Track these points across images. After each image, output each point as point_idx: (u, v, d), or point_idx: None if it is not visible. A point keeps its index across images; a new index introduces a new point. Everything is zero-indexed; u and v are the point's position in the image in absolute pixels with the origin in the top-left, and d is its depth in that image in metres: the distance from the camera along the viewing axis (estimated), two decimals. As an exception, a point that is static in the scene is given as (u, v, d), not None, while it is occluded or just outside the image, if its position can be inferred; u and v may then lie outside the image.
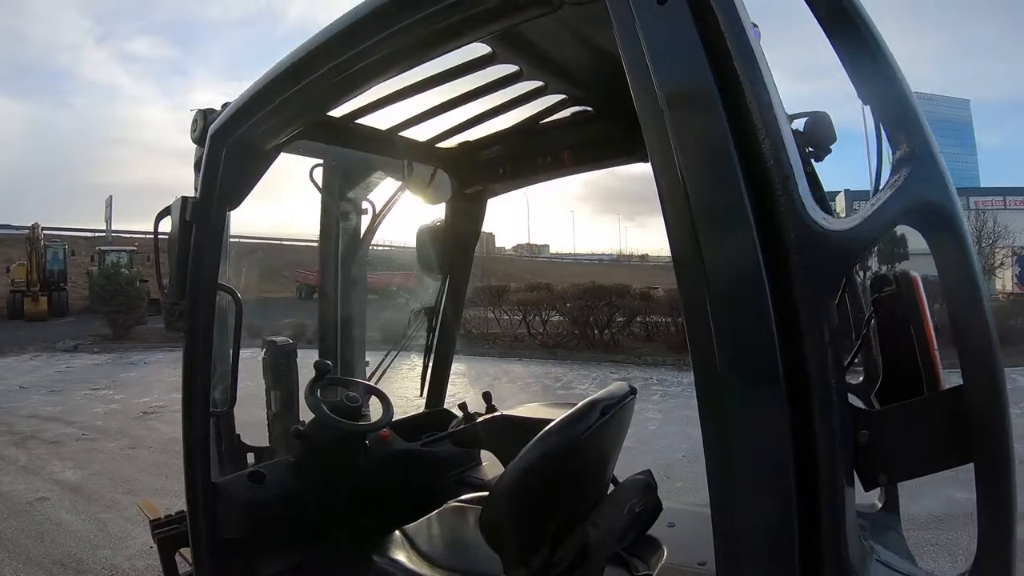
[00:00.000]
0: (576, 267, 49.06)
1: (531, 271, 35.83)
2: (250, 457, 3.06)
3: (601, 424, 1.86)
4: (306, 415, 2.66)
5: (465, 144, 3.03)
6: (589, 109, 2.60)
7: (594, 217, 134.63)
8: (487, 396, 3.01)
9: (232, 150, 2.21)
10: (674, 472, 6.65)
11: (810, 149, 1.63)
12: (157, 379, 13.63)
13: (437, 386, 3.47)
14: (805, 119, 1.65)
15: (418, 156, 2.96)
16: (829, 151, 1.64)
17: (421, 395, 3.46)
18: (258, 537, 2.40)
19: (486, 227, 3.55)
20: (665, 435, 8.44)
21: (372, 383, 3.06)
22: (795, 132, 1.25)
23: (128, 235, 34.58)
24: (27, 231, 27.52)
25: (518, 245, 56.24)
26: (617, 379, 12.27)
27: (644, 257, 60.90)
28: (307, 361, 3.00)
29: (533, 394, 11.82)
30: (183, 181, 2.56)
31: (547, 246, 63.94)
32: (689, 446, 7.53)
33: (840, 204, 31.95)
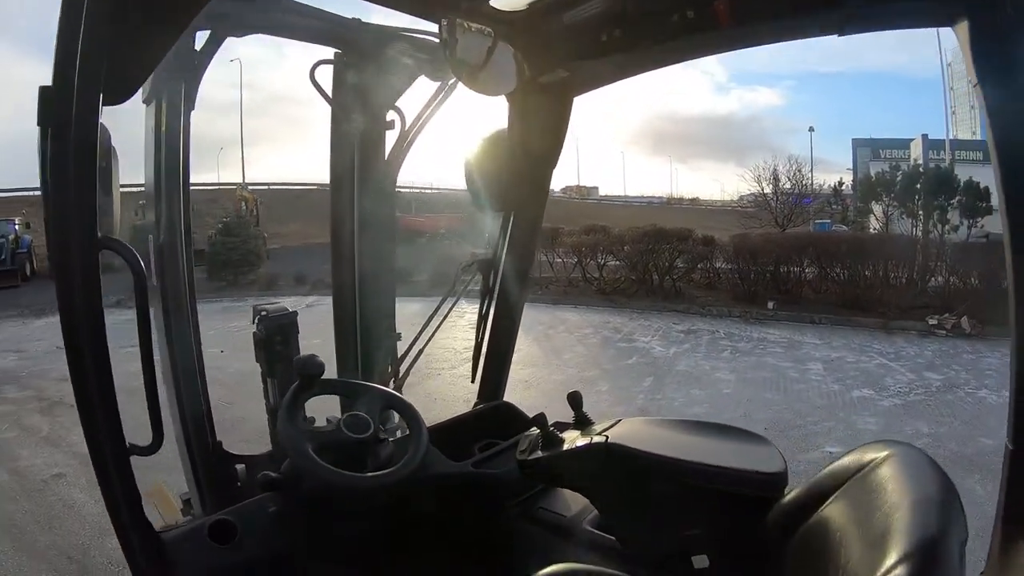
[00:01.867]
0: (627, 210, 47.44)
1: (583, 213, 34.57)
2: (240, 471, 2.24)
3: None
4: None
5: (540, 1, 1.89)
6: None
7: (644, 159, 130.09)
8: (575, 399, 1.95)
9: None
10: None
11: None
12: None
13: (495, 371, 2.47)
14: None
15: (465, 16, 1.83)
16: None
17: (472, 381, 2.48)
18: None
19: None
20: (739, 402, 7.21)
21: (394, 387, 2.11)
22: None
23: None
24: None
25: (567, 187, 54.47)
26: (681, 331, 11.30)
27: (695, 200, 58.94)
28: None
29: (591, 346, 10.92)
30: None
31: (596, 188, 61.90)
32: (768, 416, 6.56)
33: (916, 150, 29.85)
